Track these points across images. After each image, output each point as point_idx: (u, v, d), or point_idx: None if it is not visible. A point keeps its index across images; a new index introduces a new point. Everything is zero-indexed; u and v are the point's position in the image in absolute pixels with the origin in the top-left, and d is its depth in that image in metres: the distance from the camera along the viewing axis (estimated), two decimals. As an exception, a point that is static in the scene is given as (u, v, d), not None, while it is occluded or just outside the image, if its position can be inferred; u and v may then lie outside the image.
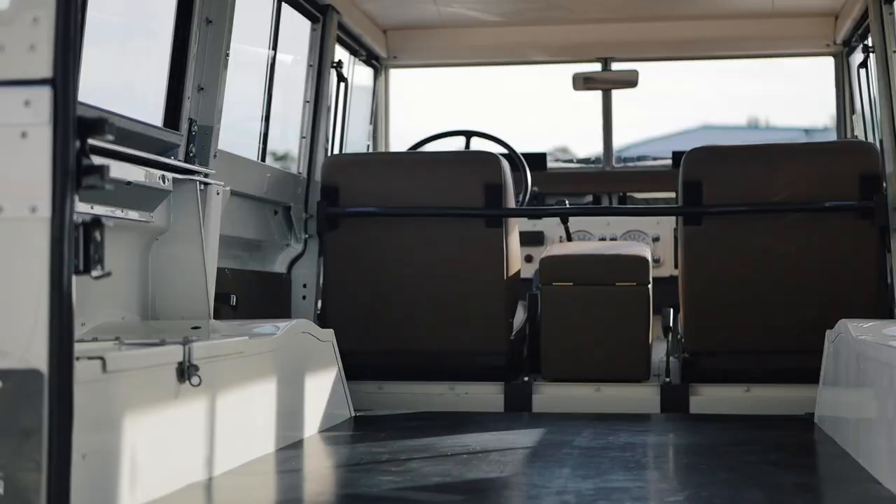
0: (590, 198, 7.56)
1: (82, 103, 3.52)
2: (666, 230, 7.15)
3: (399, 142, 7.53)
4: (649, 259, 5.67)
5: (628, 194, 7.48)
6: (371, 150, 7.33)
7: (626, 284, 5.60)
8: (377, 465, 3.73)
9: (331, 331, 4.92)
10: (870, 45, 5.83)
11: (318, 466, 3.96)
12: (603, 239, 7.17)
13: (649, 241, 7.12)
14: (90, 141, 2.57)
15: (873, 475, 3.38)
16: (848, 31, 6.56)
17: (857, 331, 3.92)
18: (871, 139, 6.24)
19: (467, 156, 6.01)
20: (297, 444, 4.23)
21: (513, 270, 5.74)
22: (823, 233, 5.34)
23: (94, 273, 2.73)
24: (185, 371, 3.33)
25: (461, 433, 4.48)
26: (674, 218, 7.08)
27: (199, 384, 3.34)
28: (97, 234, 2.70)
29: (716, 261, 5.40)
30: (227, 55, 4.84)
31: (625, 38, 7.13)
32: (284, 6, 5.69)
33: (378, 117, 7.40)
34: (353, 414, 5.06)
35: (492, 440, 4.30)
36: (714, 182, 5.41)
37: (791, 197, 5.35)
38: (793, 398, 5.30)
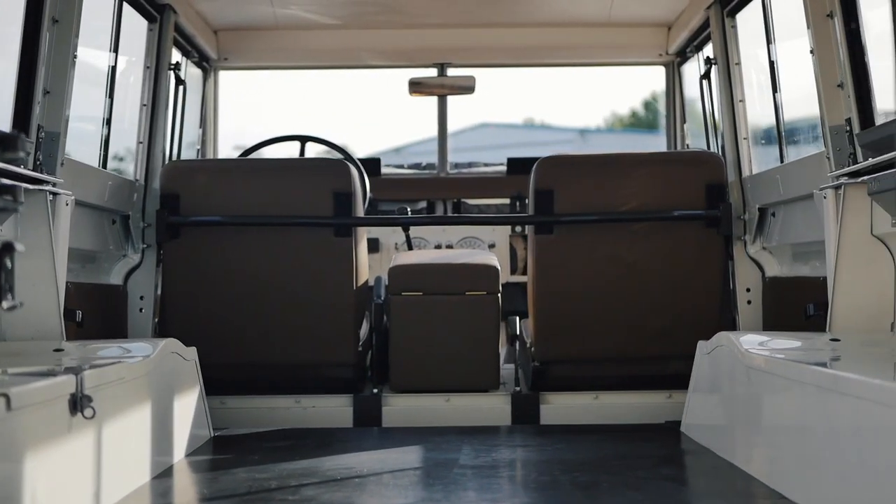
0: (424, 204, 7.49)
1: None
2: (502, 237, 7.16)
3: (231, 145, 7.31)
4: (499, 268, 5.64)
5: (462, 200, 7.44)
6: (201, 155, 7.08)
7: (476, 293, 5.56)
8: (271, 494, 3.56)
9: (194, 349, 4.70)
10: (711, 56, 5.96)
11: (208, 497, 3.75)
12: (439, 246, 7.12)
13: (485, 247, 7.11)
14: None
15: (777, 490, 3.42)
16: (683, 42, 6.70)
17: (745, 344, 3.97)
18: (713, 149, 6.38)
19: (316, 163, 5.86)
20: (169, 472, 4.01)
21: (361, 280, 5.63)
22: (672, 241, 5.42)
23: (6, 304, 2.51)
24: (78, 402, 3.10)
25: (339, 453, 4.34)
26: (509, 225, 7.13)
27: (92, 416, 3.11)
28: (7, 261, 2.48)
29: (567, 269, 5.41)
30: (75, 57, 4.56)
31: (462, 44, 7.09)
32: (123, 6, 5.41)
33: (207, 121, 7.15)
34: (213, 434, 4.85)
35: (374, 460, 4.18)
36: (565, 191, 5.41)
37: (641, 206, 5.41)
38: (642, 405, 5.38)
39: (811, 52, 4.58)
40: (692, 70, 6.91)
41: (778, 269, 5.54)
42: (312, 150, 6.83)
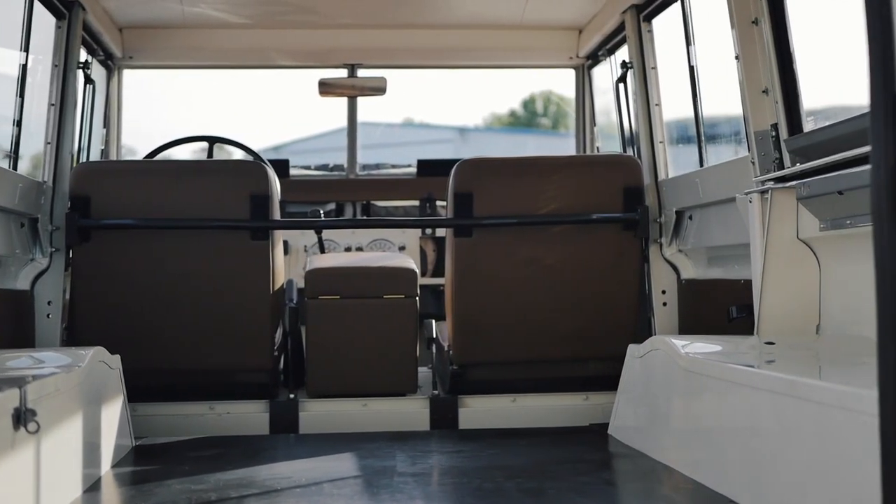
0: (332, 205, 7.41)
1: None
2: (412, 239, 7.13)
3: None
4: (417, 271, 5.61)
5: (372, 202, 7.38)
6: (105, 156, 6.89)
7: (394, 297, 5.53)
8: (213, 507, 3.47)
9: (118, 357, 4.57)
10: (627, 60, 6.00)
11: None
12: (349, 248, 7.06)
13: (396, 249, 7.07)
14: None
15: (726, 495, 3.44)
16: (594, 46, 6.73)
17: (683, 348, 3.99)
18: (628, 152, 6.43)
19: (232, 165, 5.74)
20: (98, 485, 3.88)
21: (278, 284, 5.55)
22: (590, 244, 5.44)
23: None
24: (22, 417, 2.97)
25: (271, 461, 4.26)
26: (420, 228, 7.10)
27: (36, 430, 2.99)
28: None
29: (485, 272, 5.41)
30: None
31: (372, 45, 7.04)
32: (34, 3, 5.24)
33: (111, 121, 6.96)
34: (134, 444, 4.73)
35: (310, 469, 4.10)
36: (485, 193, 5.40)
37: (560, 209, 5.42)
38: (560, 407, 5.41)
39: (736, 57, 4.63)
40: (602, 73, 6.97)
41: (693, 271, 5.61)
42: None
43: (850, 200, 3.92)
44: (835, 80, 4.52)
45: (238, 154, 7.11)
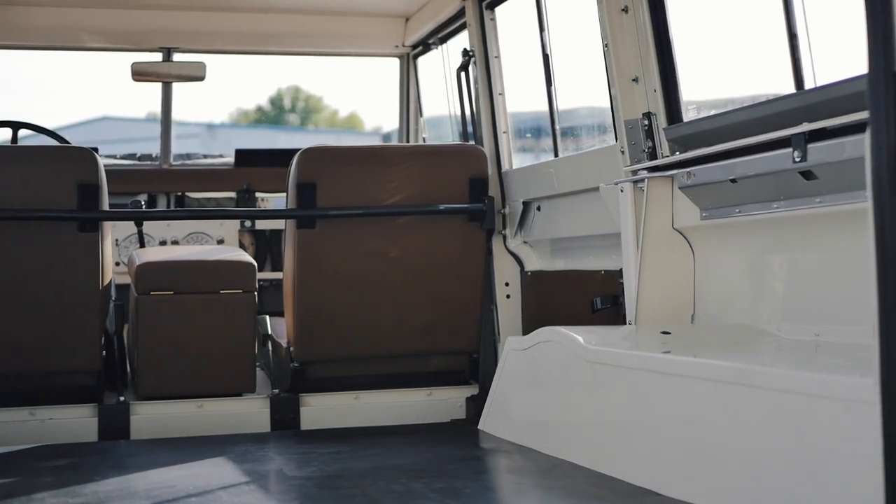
0: (145, 197, 7.01)
1: None
2: (230, 232, 6.83)
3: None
4: (255, 264, 5.36)
5: (187, 194, 7.03)
6: None
7: (232, 292, 5.27)
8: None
9: None
10: (468, 48, 5.88)
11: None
12: (164, 242, 6.70)
13: (214, 242, 6.77)
14: None
15: (646, 487, 3.36)
16: (425, 34, 6.59)
17: (584, 340, 3.90)
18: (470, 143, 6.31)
19: (58, 151, 5.30)
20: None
21: (107, 279, 5.18)
22: (436, 235, 5.32)
23: None
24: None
25: (138, 469, 3.95)
26: (237, 220, 6.80)
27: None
28: None
29: (329, 265, 5.21)
30: None
31: (190, 28, 6.68)
32: None
33: None
34: None
35: (193, 476, 3.81)
36: (328, 183, 5.20)
37: (406, 199, 5.28)
38: (403, 403, 5.30)
39: (605, 46, 4.58)
40: (429, 62, 6.85)
41: (539, 263, 5.56)
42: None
43: (740, 189, 3.92)
44: (712, 69, 4.54)
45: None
